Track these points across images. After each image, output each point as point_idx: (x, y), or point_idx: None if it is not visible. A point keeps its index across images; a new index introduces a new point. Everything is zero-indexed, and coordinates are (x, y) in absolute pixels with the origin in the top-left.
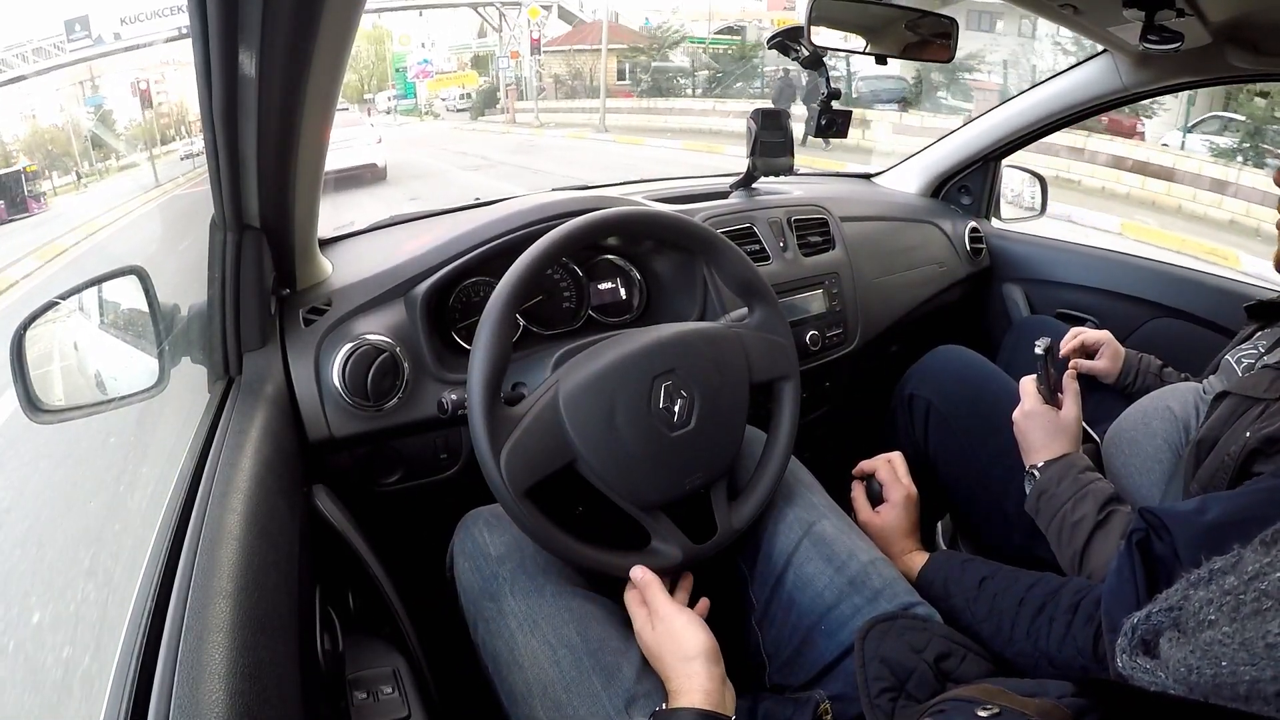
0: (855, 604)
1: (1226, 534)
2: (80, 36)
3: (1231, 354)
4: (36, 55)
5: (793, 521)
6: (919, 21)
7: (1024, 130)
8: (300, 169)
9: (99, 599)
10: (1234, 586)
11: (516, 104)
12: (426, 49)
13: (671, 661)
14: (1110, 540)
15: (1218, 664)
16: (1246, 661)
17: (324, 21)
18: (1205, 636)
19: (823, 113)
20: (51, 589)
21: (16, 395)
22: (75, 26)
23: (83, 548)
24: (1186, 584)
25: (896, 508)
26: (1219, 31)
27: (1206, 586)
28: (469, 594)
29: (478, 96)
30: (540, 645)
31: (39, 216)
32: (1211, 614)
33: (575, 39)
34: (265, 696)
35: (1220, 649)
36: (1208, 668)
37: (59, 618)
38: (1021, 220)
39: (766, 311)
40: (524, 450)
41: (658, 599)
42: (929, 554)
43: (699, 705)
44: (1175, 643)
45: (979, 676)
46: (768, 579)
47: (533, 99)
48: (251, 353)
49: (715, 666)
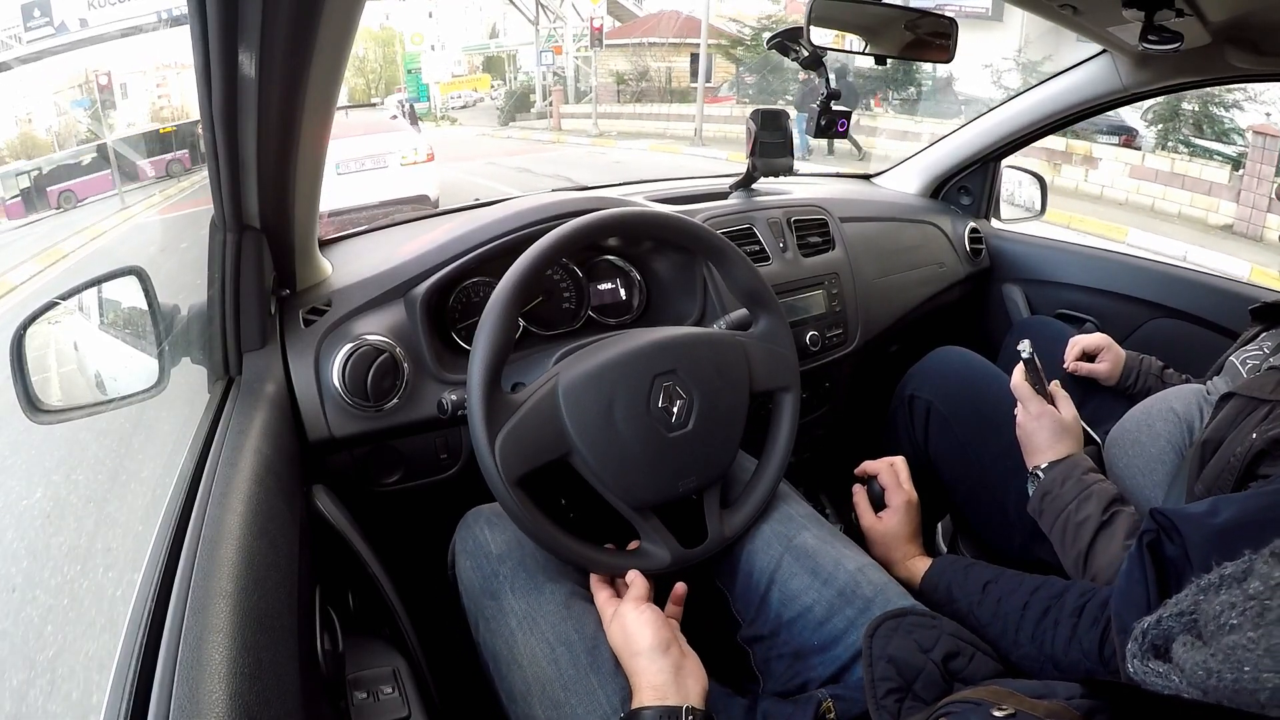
0: (848, 616)
1: (1237, 537)
2: (40, 24)
3: (1236, 355)
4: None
5: (771, 537)
6: (918, 21)
7: (1023, 130)
8: (300, 169)
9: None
10: (1259, 592)
11: (562, 108)
12: (437, 50)
13: (624, 659)
14: (1114, 541)
15: (1239, 669)
16: (1270, 668)
17: (324, 21)
18: (1228, 641)
19: (822, 113)
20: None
21: (16, 395)
22: (34, 12)
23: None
24: (1197, 589)
25: (898, 513)
26: (1219, 31)
27: (1223, 591)
28: (470, 592)
29: (507, 99)
30: (539, 644)
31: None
32: (1234, 618)
33: (637, 32)
34: (265, 696)
35: (1244, 654)
36: (1229, 672)
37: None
38: (1021, 221)
39: (771, 321)
40: (519, 437)
41: (600, 597)
42: (931, 559)
43: (646, 703)
44: (1192, 647)
45: (987, 677)
46: (752, 599)
47: (592, 103)
48: (251, 353)
49: (663, 659)
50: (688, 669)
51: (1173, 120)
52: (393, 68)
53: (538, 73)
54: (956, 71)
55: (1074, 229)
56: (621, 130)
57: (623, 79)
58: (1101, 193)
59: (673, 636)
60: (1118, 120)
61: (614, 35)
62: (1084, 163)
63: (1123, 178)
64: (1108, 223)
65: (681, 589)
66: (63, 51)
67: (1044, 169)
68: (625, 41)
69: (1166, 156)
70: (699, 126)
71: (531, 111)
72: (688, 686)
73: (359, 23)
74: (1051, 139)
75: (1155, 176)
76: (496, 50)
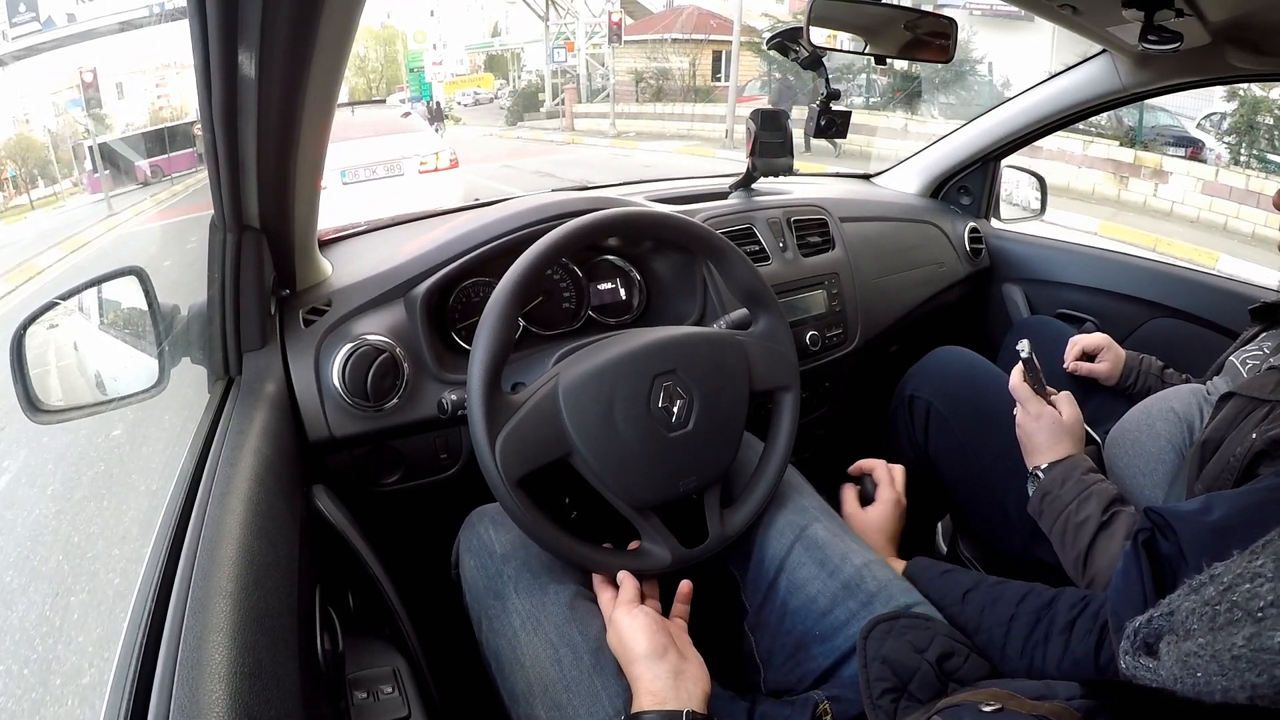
0: (850, 608)
1: (1230, 535)
2: (26, 19)
3: (1236, 355)
4: None
5: (784, 526)
6: (918, 21)
7: (1023, 130)
8: (300, 169)
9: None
10: (1212, 597)
11: (575, 107)
12: (439, 50)
13: (624, 664)
14: (1114, 542)
15: (1194, 674)
16: (1217, 673)
17: (323, 21)
18: (1185, 647)
19: (822, 113)
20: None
21: (16, 395)
22: (19, 6)
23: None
24: (1188, 588)
25: (884, 506)
26: (1218, 31)
27: (1196, 594)
28: (474, 591)
29: (513, 98)
30: (542, 644)
31: None
32: (1194, 624)
33: (656, 27)
34: (265, 696)
35: (1195, 660)
36: (1187, 677)
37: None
38: (1021, 220)
39: (771, 321)
40: (520, 438)
41: (603, 599)
42: (905, 561)
43: (646, 708)
44: (1172, 646)
45: (982, 677)
46: (760, 585)
47: (610, 102)
48: (251, 353)
49: (659, 664)
50: (688, 673)
51: (1248, 134)
52: (394, 67)
53: (547, 70)
54: (1012, 78)
55: (1160, 251)
56: (640, 131)
57: (641, 77)
58: (1171, 209)
59: (669, 641)
60: (1182, 131)
61: (632, 31)
62: (1153, 177)
63: (1194, 193)
64: (1194, 245)
65: (687, 587)
66: (51, 49)
67: (1109, 182)
68: (645, 37)
69: (1241, 173)
70: (730, 127)
71: (541, 111)
72: (688, 690)
73: (359, 22)
74: (1119, 150)
75: (1229, 193)
76: (500, 49)
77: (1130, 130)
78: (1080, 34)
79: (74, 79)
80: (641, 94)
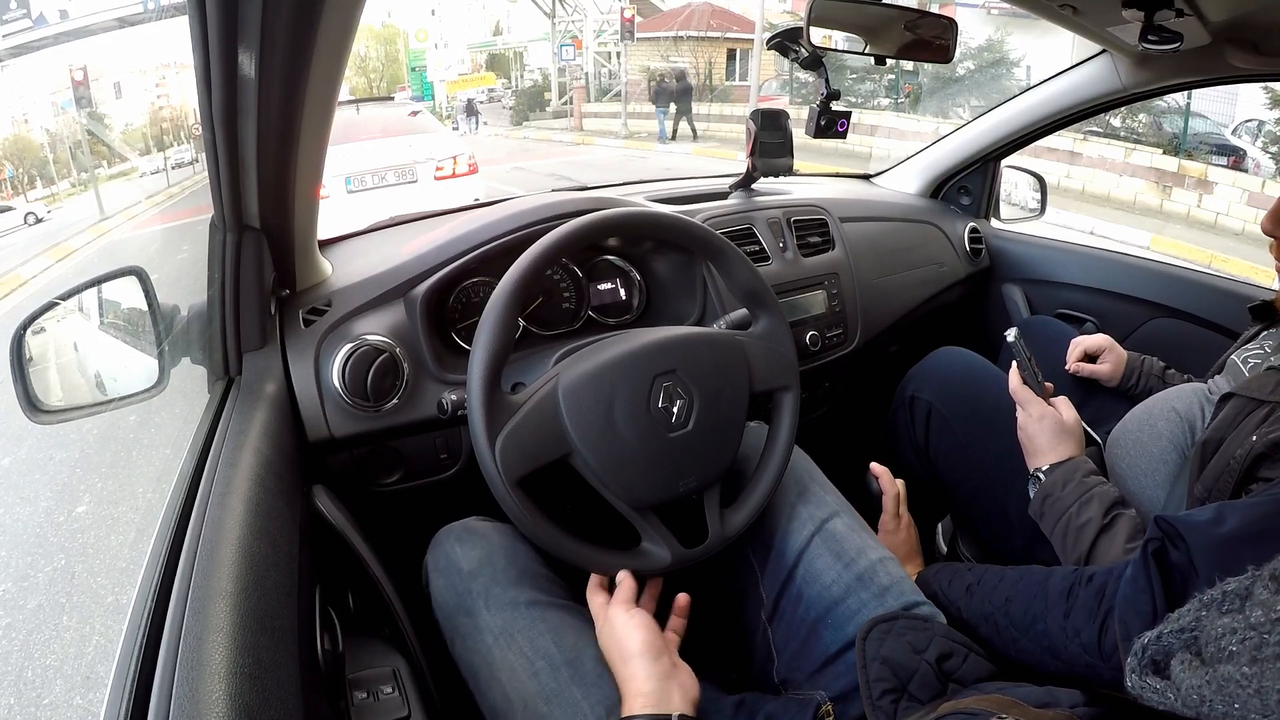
0: (862, 599)
1: (1243, 546)
2: (16, 16)
3: (1237, 354)
4: None
5: (805, 519)
6: (918, 22)
7: (1023, 131)
8: (300, 169)
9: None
10: (1259, 623)
11: (584, 106)
12: (440, 49)
13: (615, 664)
14: (1115, 544)
15: (1230, 703)
16: (1259, 710)
17: (324, 21)
18: (1224, 670)
19: (822, 113)
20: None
21: (16, 395)
22: (10, 3)
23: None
24: (1199, 604)
25: (900, 531)
26: (1218, 31)
27: (1225, 610)
28: (444, 609)
29: (518, 97)
30: (517, 658)
31: None
32: (1233, 646)
33: (670, 24)
34: (265, 696)
35: (1236, 689)
36: (1220, 703)
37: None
38: (1021, 221)
39: (771, 321)
40: (520, 438)
41: (595, 600)
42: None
43: (638, 711)
44: (1190, 667)
45: (981, 678)
46: (778, 574)
47: (622, 101)
48: (251, 353)
49: (654, 664)
50: (679, 678)
51: None
52: (395, 66)
53: (554, 69)
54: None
55: (1215, 267)
56: (653, 131)
57: (654, 75)
58: (1216, 220)
59: (664, 644)
60: (1223, 139)
61: (643, 29)
62: (1198, 186)
63: (1239, 204)
64: (1250, 263)
65: (684, 600)
66: (44, 46)
67: (1153, 191)
68: (658, 35)
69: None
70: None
71: (547, 110)
72: (679, 694)
73: (360, 21)
74: (1162, 158)
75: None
76: (503, 47)
77: (1174, 138)
78: (1080, 34)
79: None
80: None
